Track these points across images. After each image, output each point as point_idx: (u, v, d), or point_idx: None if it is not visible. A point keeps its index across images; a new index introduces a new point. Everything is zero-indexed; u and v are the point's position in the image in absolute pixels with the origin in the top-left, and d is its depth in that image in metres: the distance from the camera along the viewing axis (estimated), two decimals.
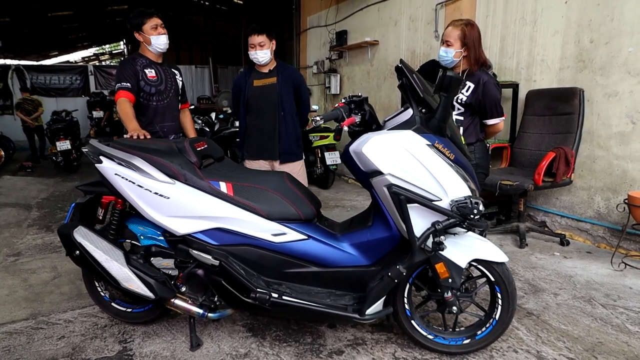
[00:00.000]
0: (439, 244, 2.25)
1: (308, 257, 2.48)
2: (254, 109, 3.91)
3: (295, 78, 3.99)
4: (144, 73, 3.39)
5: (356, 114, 2.48)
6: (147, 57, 3.48)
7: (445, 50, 3.18)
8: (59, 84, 14.84)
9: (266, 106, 3.87)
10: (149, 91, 3.42)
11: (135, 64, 3.39)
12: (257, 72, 3.92)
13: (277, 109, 3.86)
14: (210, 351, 2.64)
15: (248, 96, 3.89)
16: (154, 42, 3.41)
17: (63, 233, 2.60)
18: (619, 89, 4.14)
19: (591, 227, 4.51)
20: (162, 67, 3.54)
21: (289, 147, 3.95)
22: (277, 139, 3.89)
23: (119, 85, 3.29)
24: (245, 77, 3.94)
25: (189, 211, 2.42)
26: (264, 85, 3.87)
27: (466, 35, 3.13)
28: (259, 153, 3.97)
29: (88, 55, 27.07)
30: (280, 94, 3.85)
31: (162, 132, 3.51)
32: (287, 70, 3.97)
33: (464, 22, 3.19)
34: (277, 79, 3.86)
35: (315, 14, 9.62)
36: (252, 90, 3.88)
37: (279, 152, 3.93)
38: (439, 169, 2.23)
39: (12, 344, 2.73)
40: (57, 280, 3.67)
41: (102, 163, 2.48)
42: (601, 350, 2.63)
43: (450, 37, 3.16)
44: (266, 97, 3.86)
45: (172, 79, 3.61)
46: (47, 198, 6.92)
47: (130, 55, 3.45)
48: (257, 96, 3.88)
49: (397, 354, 2.60)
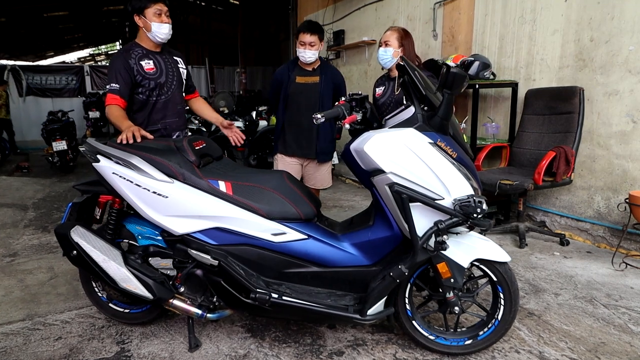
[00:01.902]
0: (442, 243, 2.23)
1: (308, 257, 2.46)
2: (293, 106, 3.90)
3: (337, 78, 4.00)
4: (139, 66, 3.06)
5: (357, 111, 2.46)
6: (143, 46, 3.15)
7: (384, 50, 3.54)
8: (54, 85, 14.74)
9: (307, 104, 3.84)
10: (148, 85, 3.10)
11: (128, 57, 3.06)
12: (300, 68, 3.90)
13: (316, 107, 3.83)
14: (209, 352, 2.61)
15: (289, 92, 3.88)
16: (155, 29, 3.05)
17: (60, 233, 2.56)
18: (620, 87, 4.13)
19: (591, 226, 4.49)
20: (161, 56, 3.21)
21: (325, 147, 3.97)
22: (315, 137, 3.89)
23: (109, 87, 3.01)
24: (288, 72, 3.91)
25: (187, 210, 2.39)
26: (307, 83, 3.87)
27: (402, 37, 3.54)
28: (294, 149, 3.97)
29: (84, 56, 27.02)
30: (322, 94, 3.85)
31: (164, 129, 3.22)
32: (329, 69, 3.99)
33: (400, 27, 3.65)
34: (320, 78, 3.86)
35: (312, 14, 9.59)
36: (294, 87, 3.87)
37: (316, 151, 3.93)
38: (442, 168, 2.21)
39: (8, 345, 2.70)
40: (54, 281, 3.64)
41: (99, 162, 2.45)
42: (604, 351, 2.61)
43: (389, 38, 3.54)
44: (307, 95, 3.86)
45: (173, 68, 3.27)
46: (43, 198, 6.87)
47: (124, 46, 3.14)
48: (299, 93, 3.87)
49: (398, 354, 2.58)
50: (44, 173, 9.19)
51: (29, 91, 14.29)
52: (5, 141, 11.03)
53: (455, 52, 5.79)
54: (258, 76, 18.74)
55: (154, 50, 3.19)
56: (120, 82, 2.98)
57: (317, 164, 4.00)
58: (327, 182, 4.14)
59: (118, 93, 2.98)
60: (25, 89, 14.20)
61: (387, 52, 3.52)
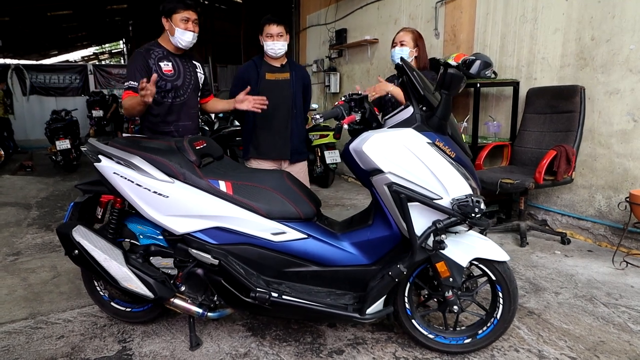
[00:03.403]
0: (440, 242, 2.24)
1: (308, 256, 2.48)
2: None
3: (305, 76, 3.88)
4: (158, 66, 3.08)
5: (356, 112, 2.46)
6: (165, 47, 3.17)
7: (400, 49, 3.57)
8: (58, 84, 14.81)
9: (278, 102, 3.63)
10: (164, 87, 3.11)
11: (148, 57, 3.08)
12: (268, 64, 3.69)
13: (290, 106, 3.71)
14: (210, 351, 2.63)
15: (259, 90, 3.57)
16: (178, 35, 3.07)
17: (62, 232, 2.59)
18: (620, 86, 4.13)
19: (592, 225, 4.50)
20: (181, 60, 3.23)
21: (298, 147, 3.82)
22: (289, 137, 3.73)
23: (127, 85, 3.02)
24: (256, 69, 3.67)
25: (188, 210, 2.41)
26: (277, 80, 3.68)
27: (417, 37, 3.61)
28: (267, 152, 3.75)
29: (87, 55, 27.06)
30: (294, 91, 3.72)
31: (176, 132, 3.22)
32: (298, 67, 3.88)
33: (413, 29, 3.71)
34: (291, 74, 3.71)
35: (314, 13, 9.60)
36: (264, 84, 3.63)
37: (290, 151, 3.76)
38: (440, 167, 2.22)
39: (11, 344, 2.73)
40: (57, 280, 3.67)
41: (100, 162, 2.47)
42: (603, 350, 2.62)
43: (404, 38, 3.59)
44: (279, 93, 3.66)
45: (191, 72, 3.29)
46: (46, 197, 6.91)
47: (145, 44, 3.17)
48: (270, 91, 3.57)
49: (397, 353, 2.59)
50: (47, 172, 9.25)
51: (33, 90, 14.38)
52: (9, 140, 11.08)
53: (457, 50, 5.79)
54: None
55: (175, 52, 3.21)
56: (138, 81, 2.92)
57: (290, 164, 3.80)
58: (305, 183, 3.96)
59: (136, 90, 2.93)
60: (29, 88, 14.28)
61: (403, 51, 3.55)
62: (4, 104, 11.42)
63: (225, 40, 19.44)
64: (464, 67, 5.08)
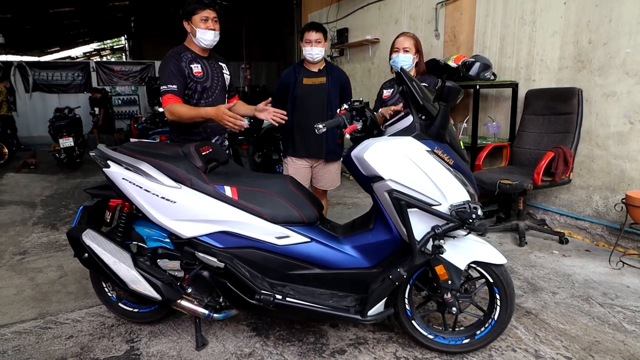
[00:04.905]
0: (439, 247, 2.31)
1: (311, 259, 2.54)
2: (301, 107, 3.91)
3: (342, 77, 4.04)
4: (189, 69, 3.14)
5: (357, 120, 2.53)
6: (192, 50, 3.23)
7: (405, 56, 3.64)
8: (61, 80, 14.82)
9: (314, 105, 3.89)
10: (195, 88, 3.18)
11: (180, 60, 3.13)
12: (306, 70, 3.93)
13: (325, 108, 3.89)
14: (216, 350, 2.70)
15: (297, 94, 3.90)
16: (200, 35, 3.12)
17: (72, 236, 2.66)
18: (617, 89, 4.19)
19: (590, 225, 4.57)
20: (208, 62, 3.29)
21: (333, 147, 4.00)
22: (325, 138, 3.91)
23: (165, 88, 3.05)
24: (295, 74, 3.94)
25: (194, 215, 2.47)
26: (314, 84, 3.90)
27: (417, 43, 3.71)
28: (304, 151, 3.99)
29: (89, 51, 27.02)
30: (329, 94, 3.89)
31: (205, 133, 3.29)
32: (335, 70, 4.03)
33: (412, 34, 3.77)
34: (327, 78, 3.90)
35: (316, 11, 9.62)
36: (301, 88, 3.89)
37: (325, 151, 3.97)
38: (439, 175, 2.29)
39: (22, 344, 2.80)
40: (64, 279, 3.74)
41: (109, 167, 2.53)
42: (598, 349, 2.69)
43: (406, 44, 3.66)
44: (315, 96, 3.89)
45: (219, 73, 3.38)
46: (51, 195, 6.95)
47: (174, 49, 3.24)
48: (306, 94, 3.89)
49: (398, 353, 2.67)
50: (50, 169, 9.30)
51: (36, 87, 14.39)
52: (13, 138, 11.14)
53: (457, 52, 5.84)
54: (263, 71, 18.64)
55: (202, 55, 3.27)
56: (177, 83, 3.05)
57: (325, 163, 4.02)
58: (336, 182, 4.17)
59: (176, 93, 3.04)
60: (32, 85, 14.29)
61: (407, 57, 3.63)
62: (7, 101, 11.46)
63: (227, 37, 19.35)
64: (463, 69, 5.14)
